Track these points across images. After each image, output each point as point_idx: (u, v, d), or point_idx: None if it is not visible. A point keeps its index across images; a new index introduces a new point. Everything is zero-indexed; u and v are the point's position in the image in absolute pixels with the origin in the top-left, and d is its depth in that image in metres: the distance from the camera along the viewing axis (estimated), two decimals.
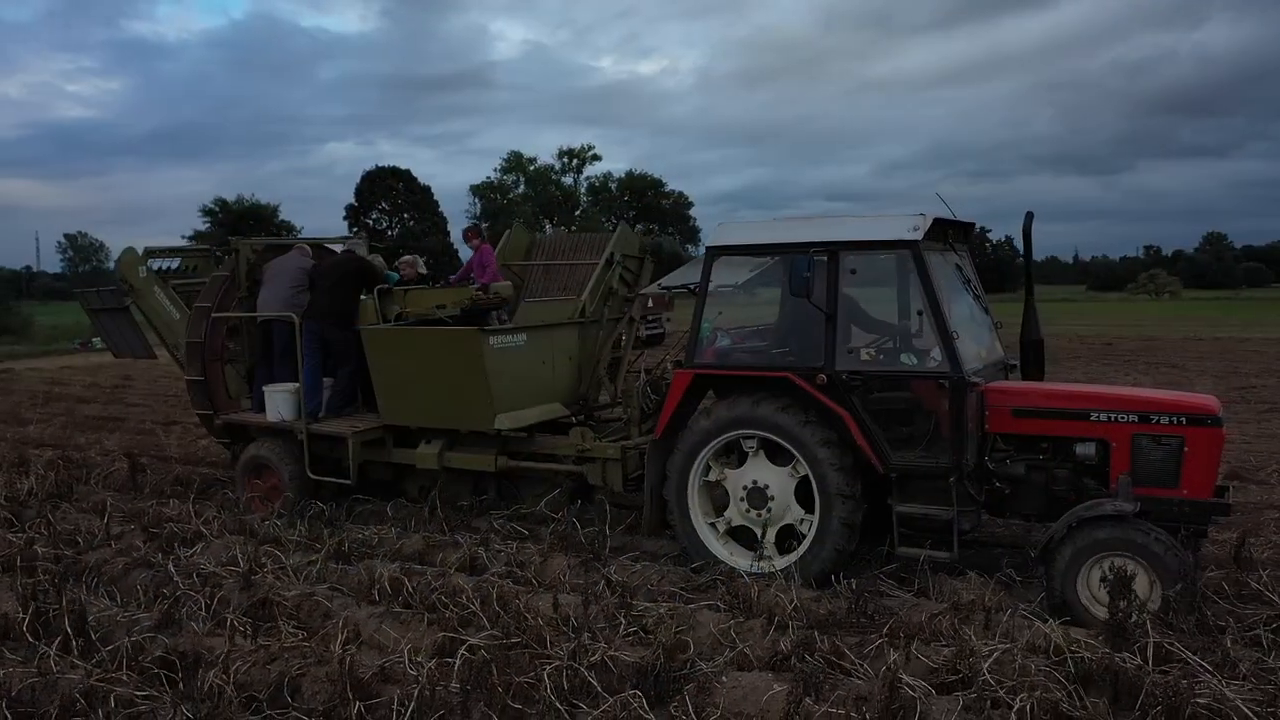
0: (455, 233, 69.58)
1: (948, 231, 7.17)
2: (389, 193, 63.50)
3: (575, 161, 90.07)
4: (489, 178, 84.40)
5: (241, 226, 50.23)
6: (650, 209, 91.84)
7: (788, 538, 6.95)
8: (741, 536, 7.13)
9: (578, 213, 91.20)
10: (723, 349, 7.33)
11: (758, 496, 6.92)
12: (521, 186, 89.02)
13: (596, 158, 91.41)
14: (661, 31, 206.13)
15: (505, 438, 8.43)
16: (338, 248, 10.77)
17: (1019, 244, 8.55)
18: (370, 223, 64.22)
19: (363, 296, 9.25)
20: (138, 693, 4.77)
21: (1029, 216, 8.38)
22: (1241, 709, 4.37)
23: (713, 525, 7.12)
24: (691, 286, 7.82)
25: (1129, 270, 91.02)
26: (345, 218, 63.12)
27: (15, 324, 36.21)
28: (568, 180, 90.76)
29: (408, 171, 64.45)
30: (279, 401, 8.99)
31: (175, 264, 10.87)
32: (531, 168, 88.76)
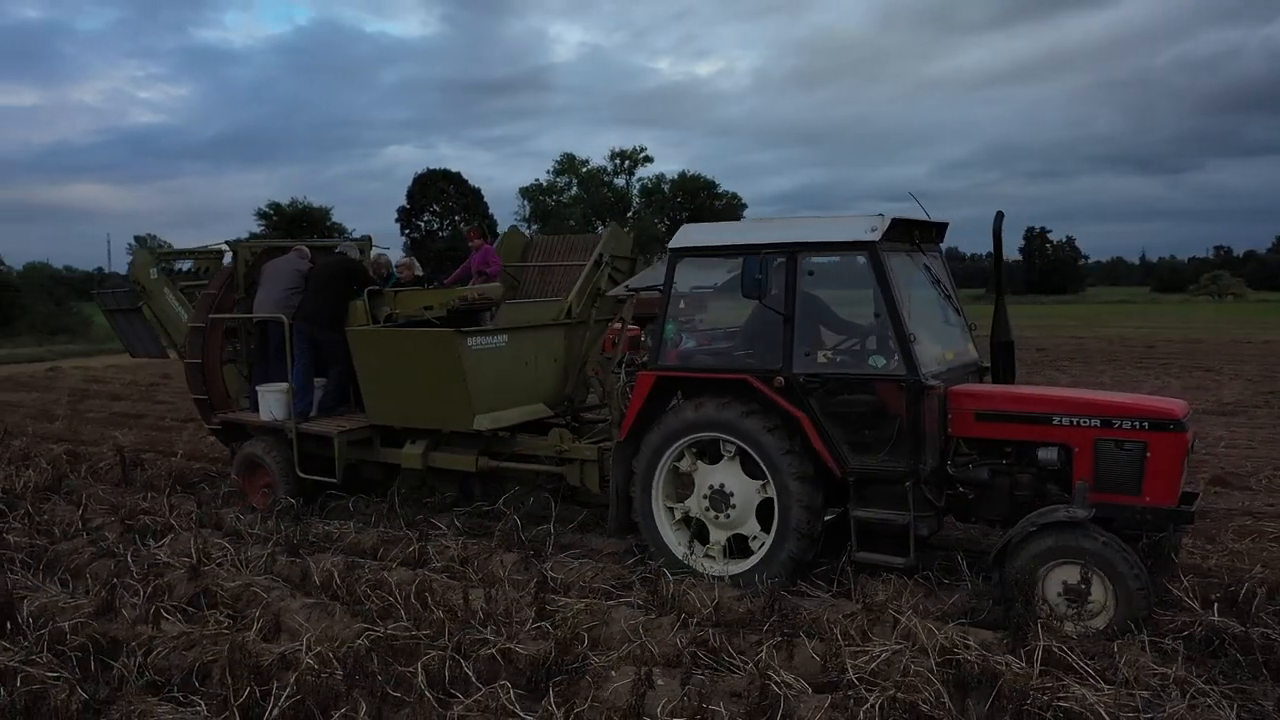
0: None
1: (914, 232, 7.08)
2: (440, 195, 64.37)
3: (627, 163, 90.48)
4: (537, 180, 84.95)
5: (294, 229, 51.33)
6: (703, 210, 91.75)
7: (742, 542, 6.93)
8: (699, 531, 7.12)
9: (629, 214, 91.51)
10: (686, 351, 7.32)
11: (720, 499, 6.90)
12: (574, 188, 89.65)
13: (648, 159, 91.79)
14: (718, 33, 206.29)
15: (487, 438, 8.52)
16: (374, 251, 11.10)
17: (1080, 245, 8.44)
18: (422, 224, 65.23)
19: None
20: (49, 674, 5.02)
21: (999, 217, 8.29)
22: (1101, 714, 4.35)
23: (670, 510, 7.11)
24: (658, 288, 7.87)
25: (1194, 272, 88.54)
26: (397, 220, 64.17)
27: (74, 324, 37.46)
28: (619, 182, 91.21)
29: (458, 174, 65.37)
30: (271, 401, 9.23)
31: (188, 265, 11.25)
32: (584, 170, 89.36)
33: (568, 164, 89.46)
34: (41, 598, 6.33)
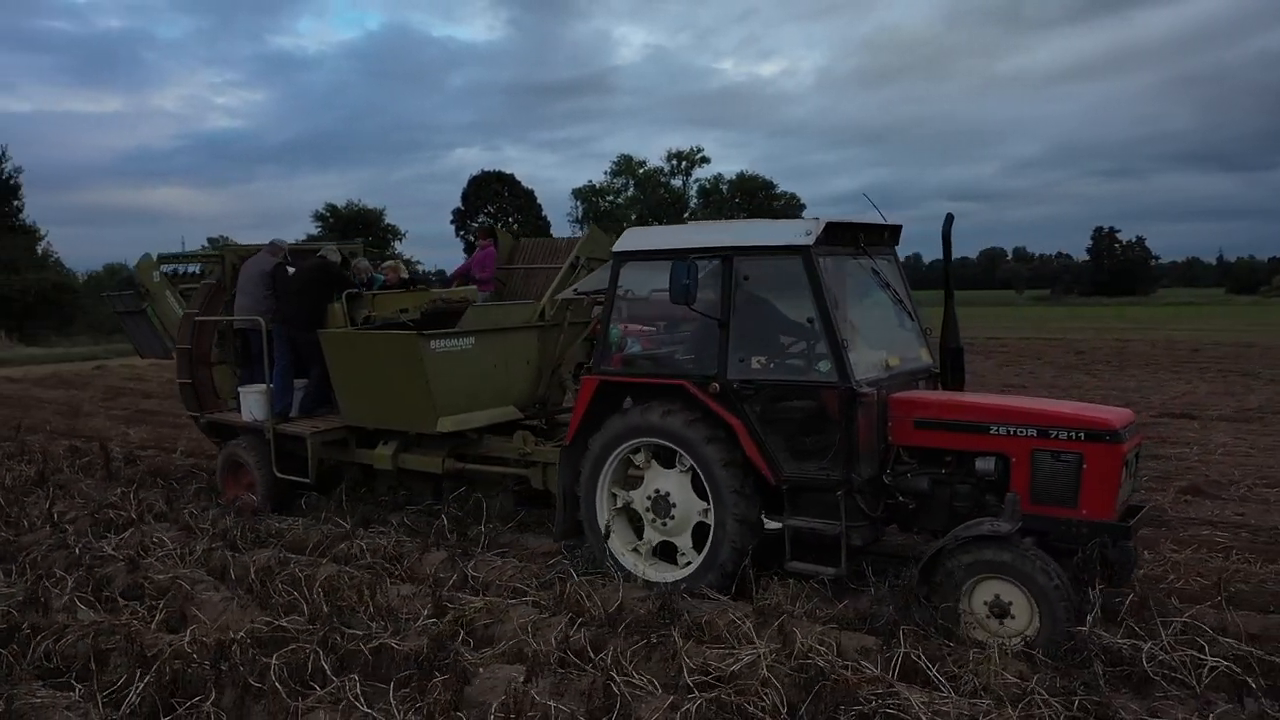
0: (558, 234, 71.02)
1: (859, 236, 6.94)
2: (494, 197, 65.20)
3: (684, 164, 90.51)
4: (590, 181, 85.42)
5: (350, 230, 52.49)
6: (761, 211, 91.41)
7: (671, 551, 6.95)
8: (667, 554, 7.05)
9: (686, 215, 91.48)
10: (629, 355, 7.29)
11: (662, 506, 6.88)
12: (631, 189, 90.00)
13: (705, 160, 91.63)
14: (782, 33, 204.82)
15: (455, 440, 8.59)
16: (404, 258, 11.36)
17: (1152, 245, 8.29)
18: (477, 225, 66.08)
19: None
20: None
21: (948, 219, 8.17)
22: (919, 718, 4.33)
23: (614, 495, 7.09)
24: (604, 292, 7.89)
25: (1269, 272, 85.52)
26: (452, 221, 65.15)
27: None
28: (676, 183, 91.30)
29: (511, 176, 66.25)
30: (251, 402, 9.41)
31: (195, 268, 11.62)
32: (640, 171, 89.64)
33: (625, 165, 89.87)
34: None
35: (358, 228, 52.74)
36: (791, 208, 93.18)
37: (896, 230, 7.54)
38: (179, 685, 4.95)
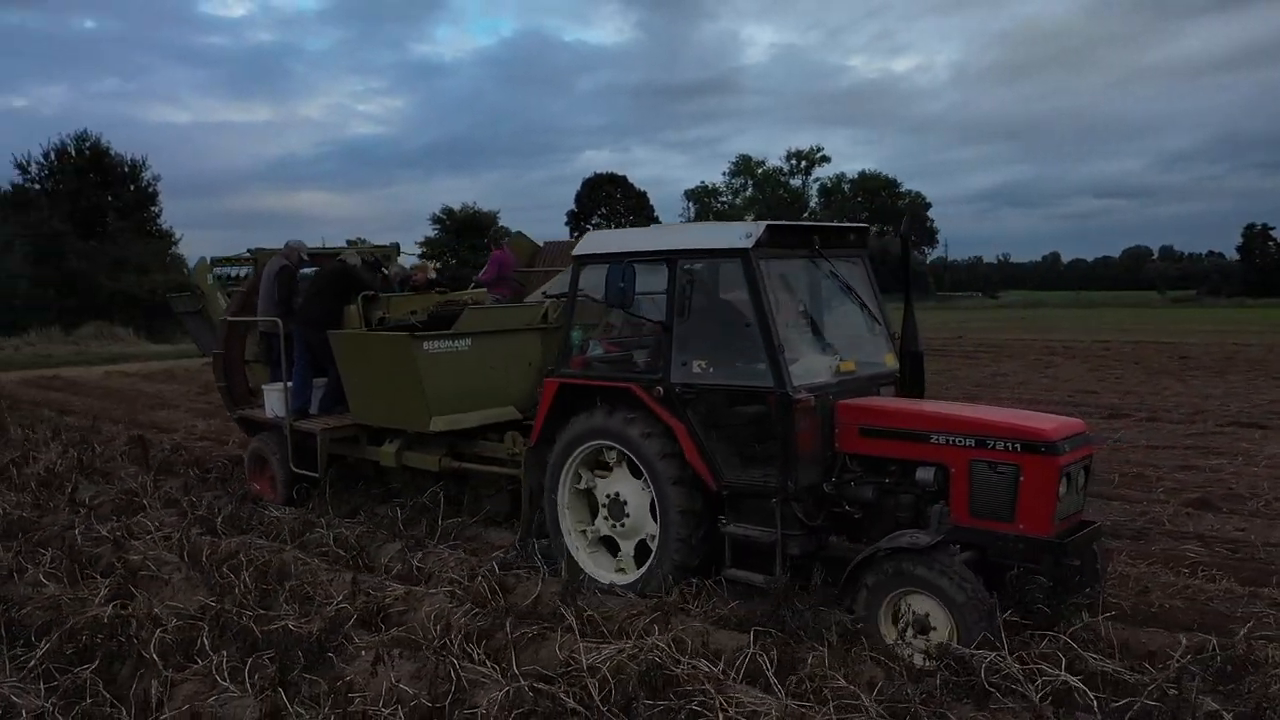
0: None
1: (814, 238, 6.85)
2: (607, 199, 66.07)
3: (804, 163, 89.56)
4: (703, 182, 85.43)
5: (465, 232, 54.13)
6: (884, 210, 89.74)
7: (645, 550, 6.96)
8: (613, 547, 7.18)
9: (805, 215, 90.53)
10: (587, 359, 7.36)
11: (617, 508, 6.98)
12: (749, 189, 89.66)
13: (825, 159, 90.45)
14: (915, 27, 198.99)
15: (453, 439, 8.84)
16: (371, 256, 11.92)
17: None
18: (590, 227, 67.13)
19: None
20: None
21: (908, 220, 8.12)
22: (727, 710, 4.41)
23: (583, 533, 7.21)
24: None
25: None
26: (566, 223, 66.30)
27: None
28: (796, 182, 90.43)
29: (624, 178, 67.00)
30: (273, 399, 9.92)
31: (244, 271, 12.40)
32: (760, 170, 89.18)
33: (744, 165, 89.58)
34: None
35: (472, 230, 54.25)
36: (915, 207, 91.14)
37: (864, 232, 7.45)
38: (84, 653, 5.42)
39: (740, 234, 6.37)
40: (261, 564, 7.07)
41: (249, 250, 11.50)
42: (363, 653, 5.49)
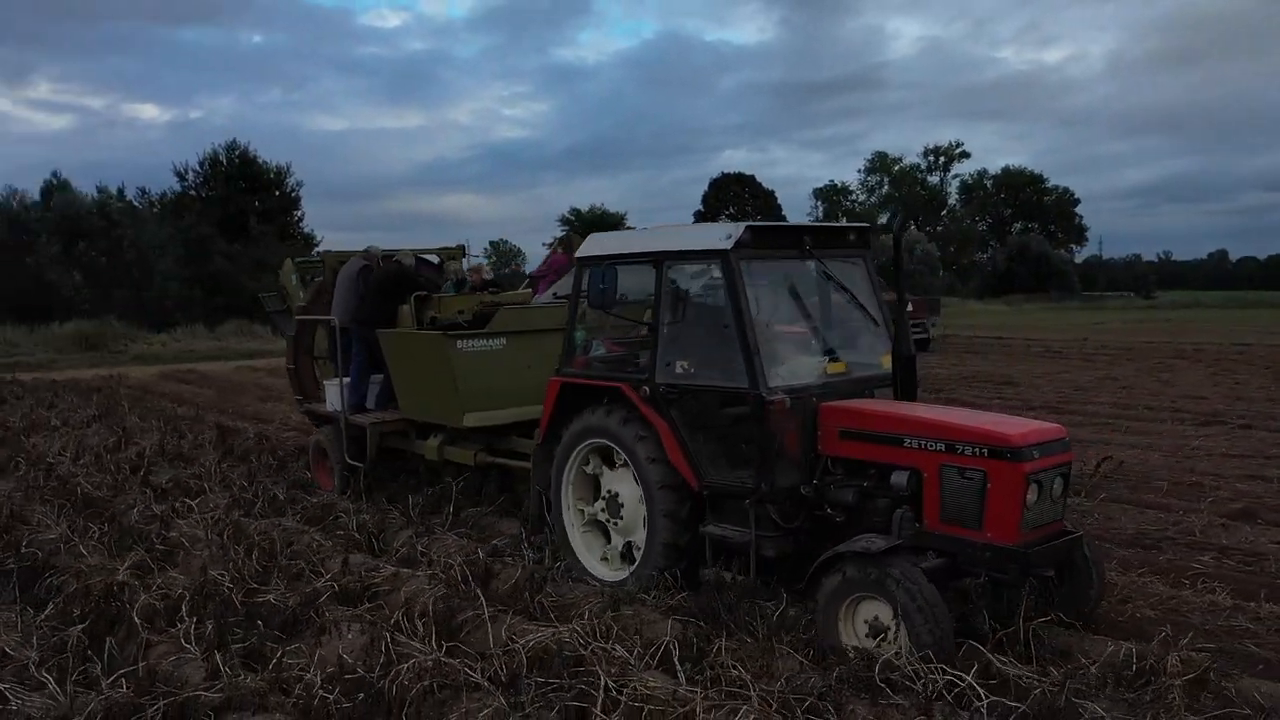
0: None
1: (805, 238, 6.83)
2: (734, 198, 66.05)
3: (942, 159, 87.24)
4: (832, 181, 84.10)
5: (589, 233, 55.14)
6: (1028, 207, 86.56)
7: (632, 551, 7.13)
8: (606, 533, 7.34)
9: (944, 213, 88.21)
10: (588, 358, 7.56)
11: (614, 506, 7.16)
12: (885, 187, 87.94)
13: (965, 155, 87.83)
14: (1067, 17, 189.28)
15: (489, 436, 9.18)
16: (433, 257, 12.56)
17: None
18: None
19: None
20: None
21: (899, 218, 8.00)
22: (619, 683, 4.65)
23: (580, 511, 7.40)
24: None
25: None
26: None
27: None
28: (934, 179, 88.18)
29: (751, 177, 66.84)
30: (333, 394, 10.55)
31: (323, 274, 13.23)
32: (895, 168, 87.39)
33: (879, 162, 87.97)
34: (46, 533, 8.24)
35: (599, 231, 55.28)
36: (1063, 204, 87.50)
37: (865, 232, 7.35)
38: (84, 615, 6.08)
39: (721, 235, 6.41)
40: (269, 543, 7.64)
41: (317, 252, 12.23)
42: (332, 626, 5.95)
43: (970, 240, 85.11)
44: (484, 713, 4.56)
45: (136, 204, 43.29)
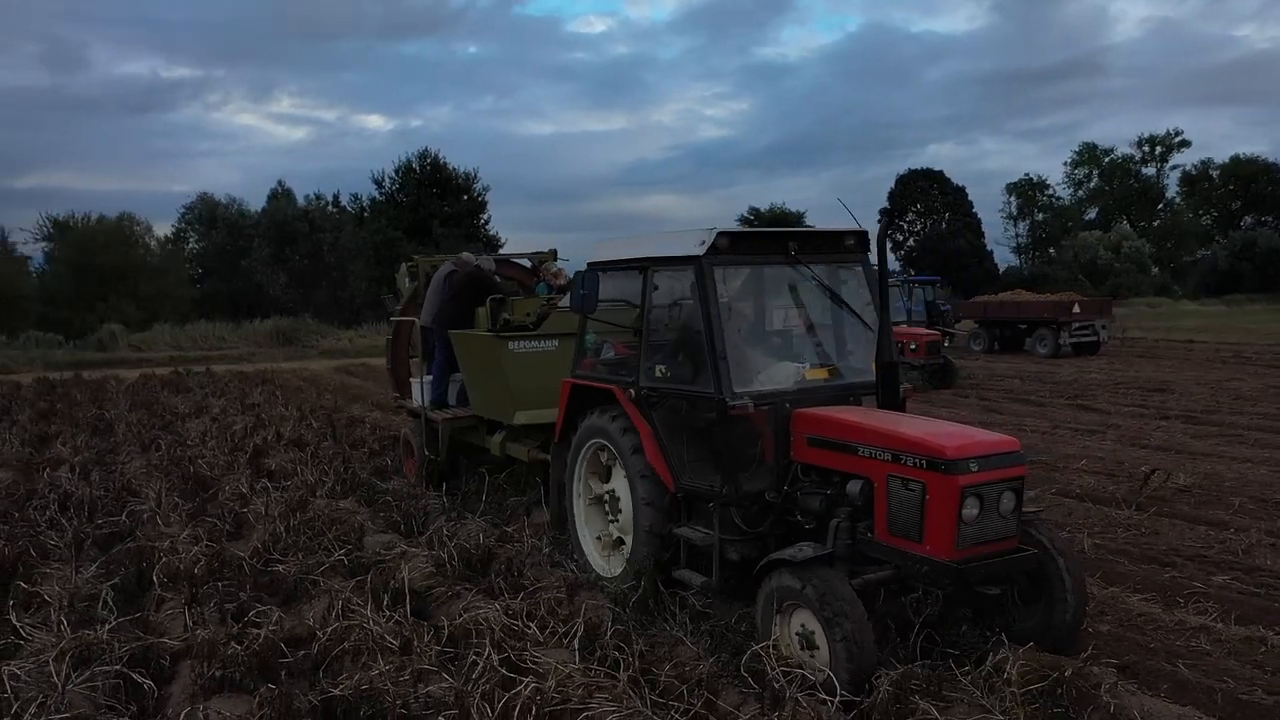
0: (990, 234, 67.99)
1: (789, 244, 6.73)
2: (922, 195, 64.18)
3: (1158, 149, 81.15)
4: (1027, 175, 79.65)
5: None
6: (1260, 199, 79.18)
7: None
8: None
9: (1160, 207, 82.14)
10: (595, 361, 7.79)
11: (613, 503, 7.45)
12: (1094, 180, 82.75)
13: (1185, 144, 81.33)
14: None
15: (543, 432, 9.41)
16: (525, 261, 13.31)
17: None
18: (904, 225, 65.59)
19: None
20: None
21: (884, 219, 7.82)
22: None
23: (589, 486, 7.65)
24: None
25: None
26: (879, 220, 65.11)
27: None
28: (1149, 171, 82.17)
29: (940, 173, 64.65)
30: (419, 391, 11.36)
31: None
32: (1106, 160, 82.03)
33: (1088, 154, 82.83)
34: (146, 504, 9.48)
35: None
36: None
37: (863, 236, 7.15)
38: (130, 574, 7.12)
39: (696, 241, 6.43)
40: (320, 521, 8.49)
41: (405, 261, 13.20)
42: (321, 595, 6.69)
43: (1190, 235, 78.88)
44: (374, 671, 5.11)
45: (349, 208, 46.94)
